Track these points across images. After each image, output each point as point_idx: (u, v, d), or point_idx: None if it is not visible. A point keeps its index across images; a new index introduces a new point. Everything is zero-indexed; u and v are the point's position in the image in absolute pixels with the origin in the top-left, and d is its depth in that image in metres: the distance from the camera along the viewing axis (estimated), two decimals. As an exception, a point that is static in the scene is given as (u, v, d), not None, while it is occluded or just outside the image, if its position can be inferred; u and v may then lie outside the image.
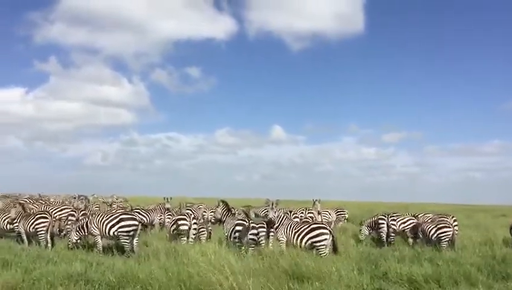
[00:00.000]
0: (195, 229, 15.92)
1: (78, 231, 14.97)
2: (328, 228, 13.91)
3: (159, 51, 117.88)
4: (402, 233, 18.42)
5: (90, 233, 14.84)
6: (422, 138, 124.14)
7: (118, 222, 14.43)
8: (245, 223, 14.22)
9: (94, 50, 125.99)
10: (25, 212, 16.73)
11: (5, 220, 16.70)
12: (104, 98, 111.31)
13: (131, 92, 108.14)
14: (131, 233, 14.38)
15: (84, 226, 14.90)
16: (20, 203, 18.17)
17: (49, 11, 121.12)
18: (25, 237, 15.89)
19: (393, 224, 18.16)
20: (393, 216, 18.60)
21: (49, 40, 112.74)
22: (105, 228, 14.45)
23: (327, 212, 24.21)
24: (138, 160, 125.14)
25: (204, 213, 22.65)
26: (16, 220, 16.13)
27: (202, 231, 16.36)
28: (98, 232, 14.58)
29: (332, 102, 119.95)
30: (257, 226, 14.14)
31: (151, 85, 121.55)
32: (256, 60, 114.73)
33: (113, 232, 14.40)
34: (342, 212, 26.20)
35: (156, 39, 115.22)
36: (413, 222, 18.34)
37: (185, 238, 15.42)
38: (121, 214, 14.99)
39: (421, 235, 16.98)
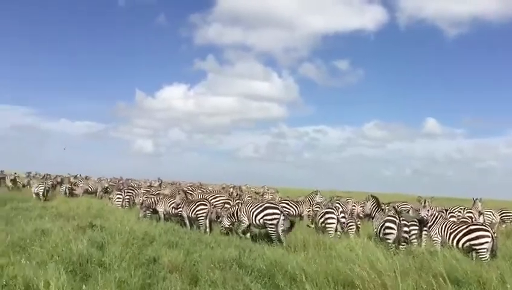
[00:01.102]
0: (343, 222, 15.82)
1: (229, 217, 16.03)
2: (489, 229, 12.68)
3: (308, 45, 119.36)
4: None
5: (239, 220, 15.75)
6: None
7: (262, 211, 15.10)
8: (396, 219, 13.70)
9: (246, 47, 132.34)
10: (187, 199, 18.41)
11: (171, 205, 18.57)
12: (256, 93, 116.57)
13: (281, 86, 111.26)
14: (275, 222, 14.86)
15: (235, 213, 15.89)
16: (183, 191, 20.04)
17: (207, 14, 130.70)
18: (187, 222, 17.51)
19: None
20: None
21: (207, 40, 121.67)
22: (252, 216, 15.24)
23: (490, 213, 22.12)
24: (287, 152, 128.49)
25: (353, 207, 22.35)
26: (180, 206, 17.84)
27: (350, 225, 16.19)
28: (247, 220, 15.42)
29: (496, 92, 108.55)
30: (409, 223, 13.52)
31: (300, 79, 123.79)
32: (408, 50, 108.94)
33: (259, 220, 15.10)
34: (507, 214, 23.68)
35: (304, 34, 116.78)
36: None
37: (333, 232, 15.43)
38: (265, 203, 15.66)
39: None
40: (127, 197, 24.02)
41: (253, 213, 15.24)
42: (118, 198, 24.04)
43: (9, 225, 14.13)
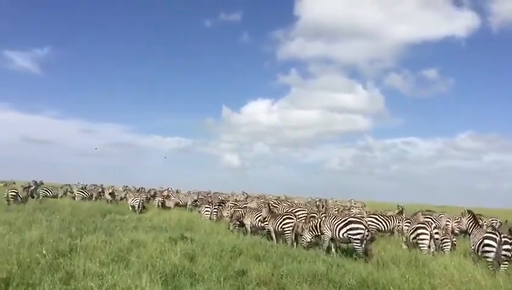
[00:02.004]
0: (437, 239, 15.03)
1: (311, 231, 15.84)
2: None
3: (393, 55, 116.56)
4: None
5: (321, 233, 15.48)
6: None
7: (345, 225, 14.71)
8: (495, 236, 12.74)
9: (330, 60, 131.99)
10: (272, 212, 18.49)
11: (257, 218, 18.77)
12: (340, 105, 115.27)
13: (366, 98, 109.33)
14: (359, 237, 14.40)
15: (317, 225, 15.66)
16: (267, 204, 20.17)
17: (290, 29, 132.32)
18: (273, 235, 17.56)
19: None
20: None
21: (290, 55, 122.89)
22: (336, 230, 14.89)
23: None
24: (374, 165, 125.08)
25: (447, 223, 21.16)
26: (266, 219, 17.95)
27: (445, 242, 15.33)
28: (329, 234, 15.11)
29: None
30: (511, 241, 12.52)
31: (385, 90, 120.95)
32: (502, 55, 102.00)
33: (342, 235, 14.72)
34: None
35: (389, 44, 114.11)
36: None
37: (426, 248, 14.70)
38: (349, 218, 15.26)
39: None
40: (215, 210, 24.64)
41: (336, 227, 14.92)
42: (207, 211, 24.75)
43: (108, 236, 15.00)
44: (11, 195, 26.83)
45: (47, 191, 33.47)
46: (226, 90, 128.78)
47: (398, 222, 20.18)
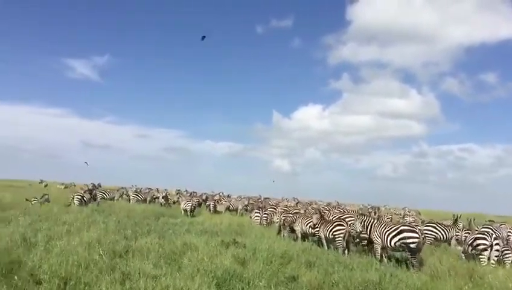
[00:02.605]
0: (497, 250, 14.32)
1: (361, 224, 15.78)
2: None
3: (449, 59, 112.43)
4: None
5: (371, 240, 15.11)
6: None
7: (398, 234, 14.29)
8: None
9: (382, 64, 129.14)
10: (323, 218, 18.27)
11: (308, 224, 18.61)
12: (393, 111, 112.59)
13: (421, 103, 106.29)
14: (413, 246, 13.93)
15: (368, 225, 15.50)
16: (318, 210, 19.97)
17: (341, 33, 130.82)
18: (324, 242, 17.34)
19: None
20: None
21: (341, 60, 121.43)
22: (387, 239, 14.50)
23: None
24: (429, 172, 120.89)
25: (509, 233, 20.11)
26: (317, 226, 17.77)
27: (506, 254, 14.59)
28: (380, 241, 14.73)
29: None
30: None
31: (441, 95, 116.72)
32: None
33: (394, 243, 14.31)
34: None
35: (445, 47, 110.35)
36: None
37: (485, 259, 14.04)
38: (401, 226, 14.82)
39: None
40: (265, 215, 24.68)
41: (387, 235, 14.51)
42: (256, 216, 24.85)
43: (161, 238, 15.33)
44: (77, 199, 28.22)
45: (104, 193, 34.76)
46: (277, 96, 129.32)
47: (457, 231, 19.41)
